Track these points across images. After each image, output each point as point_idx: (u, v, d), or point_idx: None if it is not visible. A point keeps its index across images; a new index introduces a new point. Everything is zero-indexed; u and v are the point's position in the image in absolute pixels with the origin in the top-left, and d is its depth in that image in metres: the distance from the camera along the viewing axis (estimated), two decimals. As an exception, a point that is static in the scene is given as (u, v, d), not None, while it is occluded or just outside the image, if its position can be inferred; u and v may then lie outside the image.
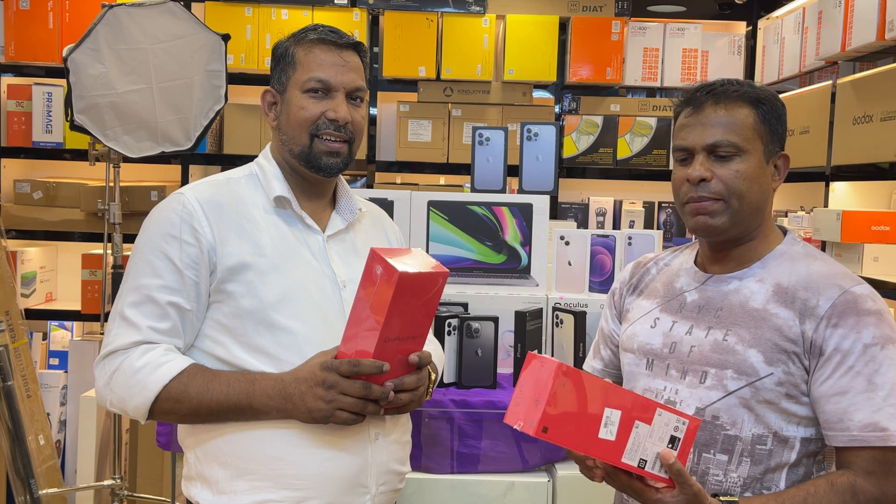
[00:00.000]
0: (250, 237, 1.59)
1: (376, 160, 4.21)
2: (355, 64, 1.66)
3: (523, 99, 4.16)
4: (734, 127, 1.44)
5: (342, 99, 1.64)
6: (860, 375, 1.37)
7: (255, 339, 1.55)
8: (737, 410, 1.42)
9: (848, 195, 3.12)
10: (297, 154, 1.64)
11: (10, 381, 2.49)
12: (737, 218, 1.45)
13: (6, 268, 2.96)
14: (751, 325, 1.43)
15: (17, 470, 2.52)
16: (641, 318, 1.59)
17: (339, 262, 1.66)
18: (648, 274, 1.66)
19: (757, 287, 1.47)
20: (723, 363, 1.43)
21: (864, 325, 1.38)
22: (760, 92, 1.48)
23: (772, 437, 1.42)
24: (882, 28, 2.68)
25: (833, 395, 1.38)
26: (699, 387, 1.45)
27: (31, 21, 3.92)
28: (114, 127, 3.06)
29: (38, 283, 4.01)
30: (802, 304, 1.41)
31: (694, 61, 4.15)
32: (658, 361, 1.52)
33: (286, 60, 1.66)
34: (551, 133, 2.66)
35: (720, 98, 1.46)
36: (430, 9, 4.07)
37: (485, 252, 2.51)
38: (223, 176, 1.71)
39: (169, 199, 1.63)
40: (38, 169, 4.21)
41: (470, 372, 2.29)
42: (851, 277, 1.44)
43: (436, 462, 2.16)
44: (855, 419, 1.36)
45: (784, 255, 1.49)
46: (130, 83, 3.05)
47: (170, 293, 1.55)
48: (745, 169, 1.44)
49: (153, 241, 1.58)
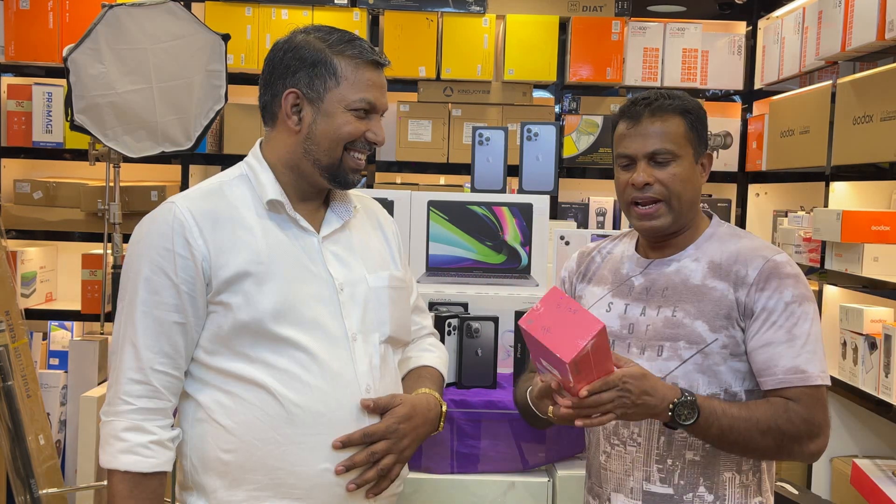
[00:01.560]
0: (246, 245, 1.56)
1: (376, 160, 4.21)
2: (386, 83, 1.67)
3: (523, 99, 4.16)
4: (669, 136, 1.66)
5: (380, 121, 1.64)
6: (782, 328, 1.59)
7: (254, 351, 1.54)
8: (693, 375, 1.62)
9: (848, 195, 3.12)
10: (324, 165, 1.61)
11: (10, 381, 2.49)
12: (676, 216, 1.67)
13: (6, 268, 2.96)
14: (694, 300, 1.64)
15: (17, 470, 2.52)
16: (596, 304, 1.76)
17: (335, 263, 1.63)
18: (594, 263, 1.84)
19: (694, 266, 1.68)
20: (675, 336, 1.64)
21: (785, 287, 1.60)
22: (688, 103, 1.70)
23: (723, 393, 1.62)
24: (882, 28, 2.68)
25: (762, 347, 1.60)
26: (657, 359, 1.64)
27: (31, 21, 3.92)
28: (114, 127, 3.06)
29: (38, 283, 4.01)
30: (735, 276, 1.63)
31: (694, 61, 4.15)
32: (619, 341, 1.70)
33: (325, 69, 1.59)
34: (551, 133, 2.66)
35: (656, 111, 1.67)
36: (430, 9, 4.07)
37: (485, 252, 2.51)
38: (216, 180, 1.66)
39: (160, 210, 1.59)
40: (38, 169, 4.21)
41: (470, 372, 2.29)
42: (773, 249, 1.67)
43: (436, 462, 2.16)
44: (780, 364, 1.58)
45: (713, 237, 1.72)
46: (130, 83, 3.06)
47: (170, 311, 1.53)
48: (679, 172, 1.66)
49: (147, 255, 1.54)
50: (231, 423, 1.54)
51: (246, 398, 1.54)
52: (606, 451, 1.71)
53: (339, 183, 1.63)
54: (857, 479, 2.85)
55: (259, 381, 1.53)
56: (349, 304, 1.61)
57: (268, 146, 1.66)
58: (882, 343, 2.69)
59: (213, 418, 1.55)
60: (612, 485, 1.70)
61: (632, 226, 1.75)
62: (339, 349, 1.58)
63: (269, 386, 1.53)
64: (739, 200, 4.23)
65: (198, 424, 1.57)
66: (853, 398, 2.90)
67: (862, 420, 3.10)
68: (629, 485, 1.67)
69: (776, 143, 3.69)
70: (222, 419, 1.54)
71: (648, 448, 1.66)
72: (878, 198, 3.11)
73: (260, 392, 1.53)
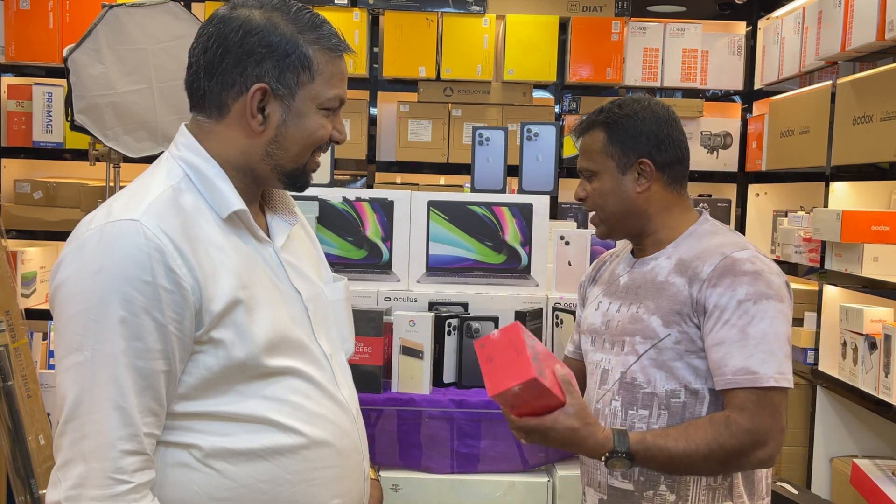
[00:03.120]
0: (226, 268, 1.30)
1: (376, 160, 4.21)
2: None
3: (523, 99, 4.16)
4: (588, 153, 1.74)
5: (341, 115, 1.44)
6: (734, 327, 1.55)
7: (247, 386, 1.32)
8: (650, 370, 1.63)
9: (848, 195, 3.12)
10: (288, 171, 1.39)
11: (10, 381, 2.49)
12: (609, 225, 1.75)
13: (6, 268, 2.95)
14: (655, 296, 1.66)
15: (17, 470, 2.52)
16: (591, 303, 1.82)
17: (295, 277, 1.44)
18: (605, 266, 1.89)
19: (665, 263, 1.69)
20: (633, 331, 1.66)
21: (739, 284, 1.56)
22: (611, 114, 1.72)
23: (683, 390, 1.62)
24: (882, 28, 2.68)
25: (714, 346, 1.57)
26: (621, 354, 1.68)
27: (31, 21, 3.92)
28: (114, 127, 3.06)
29: (39, 283, 4.01)
30: (693, 272, 1.62)
31: (694, 61, 4.15)
32: (598, 337, 1.75)
33: (298, 60, 1.34)
34: (551, 133, 2.66)
35: (581, 130, 1.76)
36: (430, 9, 4.07)
37: (485, 252, 2.51)
38: (163, 184, 1.33)
39: (120, 229, 1.23)
40: (39, 169, 4.21)
41: (470, 372, 2.29)
42: (738, 245, 1.63)
43: (436, 462, 2.16)
44: (730, 365, 1.55)
45: (692, 234, 1.71)
46: (130, 83, 3.05)
47: (156, 358, 1.23)
48: (599, 186, 1.72)
49: (119, 290, 1.20)
50: (227, 466, 1.30)
51: (245, 437, 1.31)
52: None
53: (299, 186, 1.42)
54: (857, 479, 2.85)
55: (261, 417, 1.32)
56: (316, 320, 1.45)
57: (211, 143, 1.37)
58: (882, 343, 2.69)
59: (204, 463, 1.30)
60: (586, 478, 1.75)
61: None
62: (325, 372, 1.42)
63: (275, 420, 1.33)
64: (739, 200, 4.23)
65: (174, 471, 1.29)
66: (853, 398, 2.90)
67: (862, 420, 3.10)
68: (597, 478, 1.70)
69: (776, 143, 3.69)
70: (215, 463, 1.30)
71: None
72: (878, 198, 3.11)
73: (264, 428, 1.33)
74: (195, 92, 1.37)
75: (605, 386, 1.70)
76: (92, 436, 1.21)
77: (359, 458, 1.47)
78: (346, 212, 2.52)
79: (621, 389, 1.66)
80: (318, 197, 2.50)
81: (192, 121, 1.40)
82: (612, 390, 1.68)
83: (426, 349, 2.22)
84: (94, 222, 1.27)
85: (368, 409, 2.14)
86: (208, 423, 1.31)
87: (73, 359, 1.22)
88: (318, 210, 2.49)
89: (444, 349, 2.29)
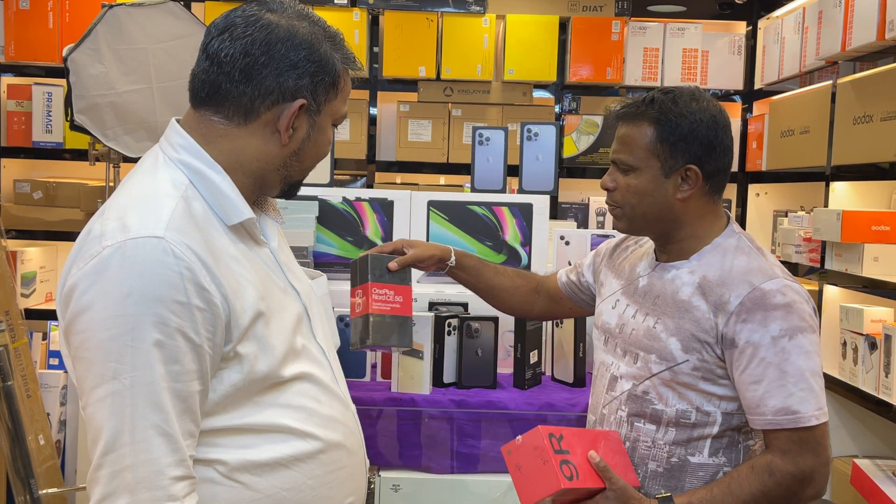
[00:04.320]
0: (245, 279, 1.29)
1: (376, 160, 4.21)
2: None
3: (523, 99, 4.16)
4: (630, 146, 1.60)
5: None
6: (771, 365, 1.49)
7: (262, 397, 1.31)
8: (661, 389, 1.58)
9: (848, 195, 3.12)
10: (294, 181, 1.41)
11: (10, 381, 2.49)
12: (634, 224, 1.64)
13: (6, 268, 2.95)
14: (675, 315, 1.58)
15: (17, 470, 2.52)
16: (608, 298, 1.76)
17: (291, 276, 1.44)
18: (626, 251, 1.81)
19: (688, 278, 1.60)
20: (649, 348, 1.60)
21: (772, 319, 1.49)
22: (669, 111, 1.57)
23: (695, 411, 1.57)
24: (882, 28, 2.68)
25: (750, 384, 1.51)
26: (633, 366, 1.63)
27: (31, 21, 3.92)
28: (114, 127, 3.06)
29: (38, 283, 4.01)
30: (717, 299, 1.54)
31: (694, 61, 4.15)
32: (611, 339, 1.70)
33: (330, 76, 1.34)
34: (551, 133, 2.66)
35: (626, 118, 1.62)
36: (430, 9, 4.06)
37: (485, 252, 2.51)
38: (174, 195, 1.27)
39: (145, 248, 1.18)
40: (38, 169, 4.20)
41: (470, 372, 2.29)
42: (765, 273, 1.54)
43: (436, 462, 2.16)
44: (769, 405, 1.49)
45: (717, 248, 1.61)
46: (130, 83, 3.05)
47: (193, 380, 1.21)
48: (635, 185, 1.60)
49: (152, 312, 1.16)
50: (252, 478, 1.29)
51: (268, 448, 1.31)
52: None
53: (292, 194, 1.45)
54: (857, 479, 2.84)
55: (280, 425, 1.32)
56: (313, 318, 1.46)
57: (224, 145, 1.33)
58: (882, 343, 2.69)
59: (229, 477, 1.28)
60: None
61: None
62: (326, 370, 1.43)
63: (294, 427, 1.33)
64: (739, 200, 4.23)
65: (200, 488, 1.26)
66: (853, 398, 2.90)
67: (862, 420, 3.10)
68: None
69: (776, 143, 3.69)
70: (240, 476, 1.28)
71: None
72: (878, 198, 3.11)
73: (284, 437, 1.33)
74: (218, 91, 1.31)
75: (612, 392, 1.67)
76: (139, 465, 1.16)
77: (362, 452, 1.51)
78: (345, 212, 2.52)
79: (629, 400, 1.63)
80: (318, 197, 2.50)
81: (195, 118, 1.34)
82: (619, 399, 1.65)
83: (426, 349, 2.22)
84: (109, 237, 1.20)
85: (368, 409, 2.14)
86: (231, 438, 1.29)
87: (108, 388, 1.16)
88: (318, 210, 2.49)
89: (444, 349, 2.29)
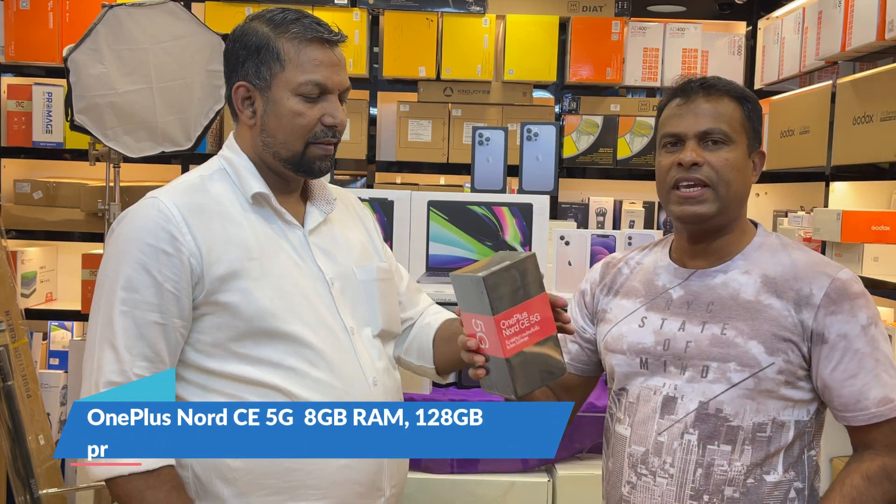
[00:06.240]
0: (237, 241, 1.50)
1: (376, 160, 4.21)
2: (344, 60, 1.57)
3: (523, 99, 4.16)
4: (724, 118, 1.49)
5: (338, 102, 1.55)
6: (866, 356, 1.44)
7: (258, 351, 1.48)
8: (740, 401, 1.45)
9: (848, 195, 3.12)
10: (285, 158, 1.54)
11: (10, 381, 2.48)
12: (723, 205, 1.49)
13: (6, 268, 2.95)
14: (747, 318, 1.47)
15: (17, 470, 2.52)
16: (627, 318, 1.58)
17: (322, 258, 1.59)
18: (621, 274, 1.66)
19: (744, 279, 1.50)
20: (724, 356, 1.46)
21: (858, 308, 1.45)
22: (745, 91, 1.55)
23: (770, 423, 1.46)
24: (882, 28, 2.68)
25: (846, 379, 1.44)
26: (702, 381, 1.47)
27: (31, 21, 3.92)
28: (114, 127, 3.06)
29: (38, 283, 4.01)
30: (796, 294, 1.46)
31: (694, 61, 4.15)
32: (653, 359, 1.52)
33: (267, 54, 1.51)
34: (551, 133, 2.66)
35: (711, 91, 1.51)
36: (430, 9, 4.06)
37: (485, 252, 2.51)
38: (195, 175, 1.58)
39: (142, 204, 1.50)
40: (38, 169, 4.20)
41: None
42: (832, 264, 1.50)
43: (436, 462, 2.16)
44: (871, 397, 1.43)
45: (763, 247, 1.54)
46: (130, 83, 3.05)
47: (150, 310, 1.45)
48: (733, 158, 1.49)
49: (129, 252, 1.45)
50: None
51: (255, 401, 1.44)
52: (631, 482, 1.51)
53: (306, 172, 1.56)
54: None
55: (267, 383, 1.48)
56: (341, 298, 1.58)
57: (238, 140, 1.60)
58: (882, 343, 2.68)
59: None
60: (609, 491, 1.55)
61: (669, 216, 1.58)
62: (342, 344, 1.55)
63: (279, 386, 1.48)
64: (739, 200, 4.23)
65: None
66: (853, 398, 2.90)
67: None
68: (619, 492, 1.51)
69: (776, 143, 3.69)
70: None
71: (682, 481, 1.47)
72: (878, 198, 3.11)
73: (270, 393, 1.48)
74: (226, 101, 1.60)
75: (671, 416, 1.48)
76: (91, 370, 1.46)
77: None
78: (346, 212, 2.52)
79: (698, 421, 1.46)
80: (318, 197, 2.50)
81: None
82: (684, 422, 1.47)
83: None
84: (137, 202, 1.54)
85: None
86: (222, 384, 1.48)
87: (93, 307, 1.49)
88: (318, 210, 2.49)
89: (444, 349, 2.28)
